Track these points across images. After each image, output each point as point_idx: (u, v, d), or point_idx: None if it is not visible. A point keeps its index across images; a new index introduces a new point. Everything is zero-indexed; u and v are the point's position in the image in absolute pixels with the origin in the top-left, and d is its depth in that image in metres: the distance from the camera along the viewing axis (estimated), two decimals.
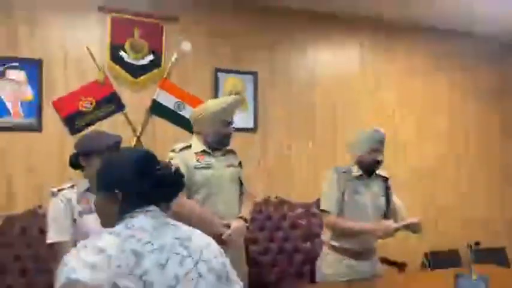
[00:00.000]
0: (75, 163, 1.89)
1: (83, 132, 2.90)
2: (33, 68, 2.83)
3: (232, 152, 2.29)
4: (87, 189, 1.86)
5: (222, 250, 1.20)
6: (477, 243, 2.37)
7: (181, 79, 3.24)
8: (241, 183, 2.24)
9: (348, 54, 3.80)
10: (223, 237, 2.01)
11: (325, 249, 2.33)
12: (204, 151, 2.15)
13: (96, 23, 3.01)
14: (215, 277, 1.11)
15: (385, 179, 2.39)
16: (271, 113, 3.50)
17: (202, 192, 2.09)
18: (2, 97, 2.77)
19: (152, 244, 1.03)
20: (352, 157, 2.35)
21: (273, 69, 3.52)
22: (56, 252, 1.84)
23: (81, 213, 1.81)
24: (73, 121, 2.92)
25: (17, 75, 2.80)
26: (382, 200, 2.34)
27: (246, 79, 3.43)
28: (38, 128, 2.85)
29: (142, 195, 1.11)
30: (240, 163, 2.29)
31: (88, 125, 2.95)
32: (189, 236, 1.12)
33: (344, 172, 2.30)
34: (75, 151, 1.89)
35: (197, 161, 2.12)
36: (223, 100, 2.25)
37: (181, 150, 2.14)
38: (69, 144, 2.91)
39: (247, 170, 2.37)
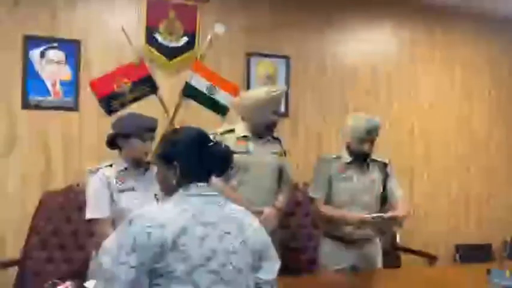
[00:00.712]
0: (112, 143, 1.94)
1: (119, 113, 2.99)
2: (72, 49, 2.90)
3: (277, 139, 2.30)
4: (125, 169, 1.92)
5: (263, 229, 1.26)
6: None
7: (214, 62, 3.24)
8: (281, 171, 2.24)
9: (384, 39, 3.69)
10: None
11: (321, 237, 2.34)
12: (246, 136, 2.18)
13: (133, 5, 3.04)
14: (251, 254, 1.19)
15: (384, 165, 2.33)
16: (303, 98, 3.47)
17: (239, 177, 2.13)
18: (43, 77, 2.86)
19: (197, 219, 1.13)
20: (342, 142, 2.34)
21: (305, 53, 3.47)
22: (93, 228, 1.91)
23: (118, 192, 1.87)
24: (108, 102, 2.97)
25: (57, 55, 2.87)
26: (379, 186, 2.29)
27: (278, 63, 3.40)
28: (75, 107, 2.93)
29: (197, 168, 1.22)
30: (284, 152, 2.30)
31: (123, 105, 3.00)
32: (233, 215, 1.21)
33: (334, 158, 2.29)
34: (113, 131, 1.94)
35: (238, 146, 2.13)
36: (273, 89, 2.24)
37: (222, 133, 2.17)
38: (105, 124, 2.97)
39: None
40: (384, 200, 2.30)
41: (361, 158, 2.24)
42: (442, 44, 3.82)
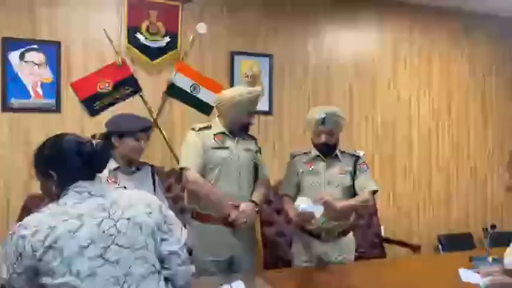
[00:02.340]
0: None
1: (101, 114, 2.97)
2: (52, 50, 2.87)
3: (252, 137, 2.33)
4: (117, 167, 1.93)
5: (155, 206, 1.32)
6: (493, 227, 2.35)
7: (197, 61, 3.25)
8: (256, 168, 2.27)
9: (366, 37, 3.76)
10: (229, 219, 2.07)
11: (295, 231, 2.34)
12: (223, 133, 2.19)
13: (114, 5, 3.02)
14: (141, 231, 1.24)
15: (357, 158, 2.28)
16: (286, 96, 3.50)
17: (216, 172, 2.14)
18: (22, 79, 2.81)
19: (67, 215, 1.18)
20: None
21: (289, 51, 3.50)
22: None
23: None
24: (91, 103, 2.96)
25: (37, 57, 2.83)
26: (347, 179, 2.23)
27: (261, 62, 3.42)
28: (57, 109, 2.90)
29: (73, 173, 1.25)
30: (259, 150, 2.33)
31: (106, 106, 2.99)
32: (114, 200, 1.26)
33: (303, 154, 2.29)
34: (106, 131, 1.95)
35: (214, 141, 2.16)
36: (250, 90, 2.25)
37: (200, 129, 2.18)
38: (87, 125, 2.97)
39: (262, 154, 2.39)
40: (354, 194, 2.24)
41: (327, 151, 2.21)
42: (421, 41, 3.90)
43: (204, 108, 3.22)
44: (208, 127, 2.20)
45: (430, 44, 3.94)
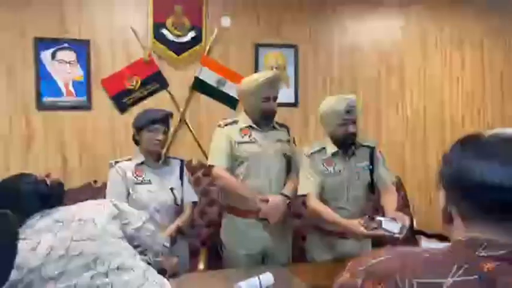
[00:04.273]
0: (135, 139, 2.05)
1: (131, 110, 3.04)
2: (82, 49, 2.94)
3: (284, 126, 2.27)
4: (142, 162, 1.99)
5: (105, 204, 1.43)
6: None
7: (222, 55, 3.25)
8: (289, 160, 2.21)
9: (392, 25, 3.66)
10: (259, 214, 2.05)
11: (311, 230, 2.22)
12: (250, 126, 2.17)
13: (140, 2, 3.05)
14: (94, 224, 1.33)
15: (372, 149, 2.14)
16: (313, 87, 3.46)
17: (244, 167, 2.12)
18: (54, 77, 2.90)
19: (26, 235, 1.26)
20: (324, 131, 2.13)
21: (314, 42, 3.45)
22: None
23: (134, 184, 1.94)
24: (121, 99, 3.03)
25: (68, 56, 2.91)
26: (366, 175, 2.11)
27: (286, 53, 3.39)
28: (88, 106, 2.98)
29: (29, 212, 1.33)
30: (292, 139, 2.27)
31: (135, 102, 3.05)
32: (65, 213, 1.35)
33: (318, 151, 2.10)
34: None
35: (241, 136, 2.14)
36: (261, 75, 2.19)
37: (226, 125, 2.17)
38: (118, 121, 3.04)
39: None
40: (372, 189, 2.12)
41: (346, 145, 2.07)
42: (449, 27, 3.76)
43: (230, 101, 3.24)
44: (235, 122, 2.18)
45: (460, 30, 3.79)
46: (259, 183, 2.11)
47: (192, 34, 3.15)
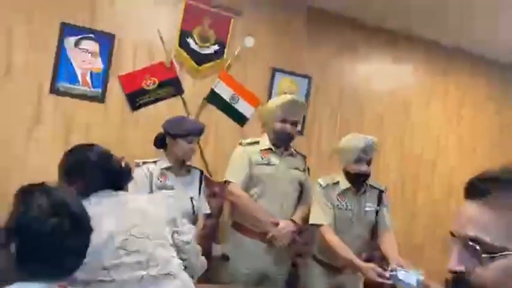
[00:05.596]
0: (160, 142, 2.04)
1: (143, 109, 3.05)
2: (106, 42, 2.95)
3: (301, 155, 2.35)
4: (168, 167, 2.00)
5: (164, 205, 1.43)
6: None
7: (240, 73, 3.33)
8: (302, 187, 2.28)
9: (403, 74, 3.85)
10: (267, 236, 2.10)
11: (309, 260, 2.26)
12: (270, 149, 2.23)
13: (171, 7, 3.11)
14: (155, 222, 1.33)
15: (380, 192, 2.22)
16: (319, 119, 3.57)
17: (259, 188, 2.17)
18: (74, 65, 2.89)
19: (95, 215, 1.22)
20: (339, 166, 2.20)
21: (328, 76, 3.58)
22: None
23: (157, 188, 1.95)
24: (135, 97, 3.04)
25: (92, 46, 2.92)
26: (373, 216, 2.17)
27: (300, 82, 3.50)
28: (102, 99, 2.97)
29: (97, 184, 1.31)
30: (308, 169, 2.34)
31: (148, 103, 3.07)
32: (127, 200, 1.34)
33: (332, 184, 2.15)
34: (163, 131, 2.03)
35: (261, 157, 2.20)
36: (283, 97, 2.27)
37: (247, 144, 2.23)
38: (128, 119, 3.04)
39: None
40: (373, 229, 2.20)
41: (359, 183, 2.12)
42: (454, 83, 3.99)
43: (240, 119, 3.31)
44: (256, 142, 2.24)
45: (464, 89, 4.02)
46: (271, 206, 2.16)
47: (215, 47, 3.22)
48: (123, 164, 1.36)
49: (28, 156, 2.79)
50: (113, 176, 1.32)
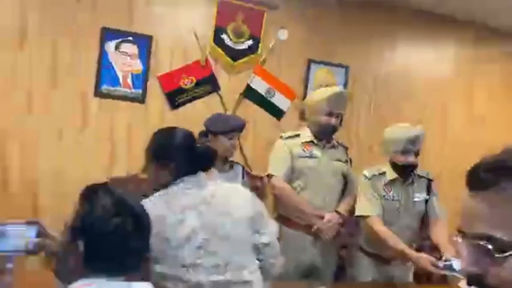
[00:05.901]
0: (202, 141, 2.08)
1: (181, 108, 3.12)
2: (145, 44, 3.03)
3: (343, 147, 2.33)
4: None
5: (250, 200, 1.37)
6: None
7: (275, 67, 3.32)
8: (345, 179, 2.27)
9: (442, 56, 3.71)
10: (313, 229, 2.10)
11: (356, 252, 2.24)
12: (311, 142, 2.22)
13: (204, 4, 3.14)
14: (238, 224, 1.29)
15: (429, 181, 2.17)
16: (357, 109, 3.51)
17: (302, 181, 2.17)
18: (115, 68, 2.99)
19: (173, 206, 1.25)
20: (385, 157, 2.15)
21: (365, 65, 3.51)
22: None
23: None
24: (174, 97, 3.11)
25: (131, 49, 3.00)
26: (422, 205, 2.12)
27: (337, 72, 3.45)
28: (142, 100, 3.06)
29: (186, 167, 1.32)
30: (350, 160, 2.32)
31: (186, 101, 3.13)
32: (213, 194, 1.32)
33: (379, 174, 2.12)
34: (204, 129, 2.06)
35: (302, 150, 2.19)
36: (329, 89, 2.24)
37: (288, 137, 2.23)
38: (167, 118, 3.11)
39: None
40: (423, 219, 2.16)
41: (406, 174, 2.08)
42: (500, 64, 3.81)
43: (276, 113, 3.31)
44: (297, 135, 2.24)
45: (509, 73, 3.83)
46: (314, 198, 2.17)
47: (249, 43, 3.23)
48: (207, 147, 1.40)
49: (78, 156, 2.91)
50: (200, 158, 1.33)
